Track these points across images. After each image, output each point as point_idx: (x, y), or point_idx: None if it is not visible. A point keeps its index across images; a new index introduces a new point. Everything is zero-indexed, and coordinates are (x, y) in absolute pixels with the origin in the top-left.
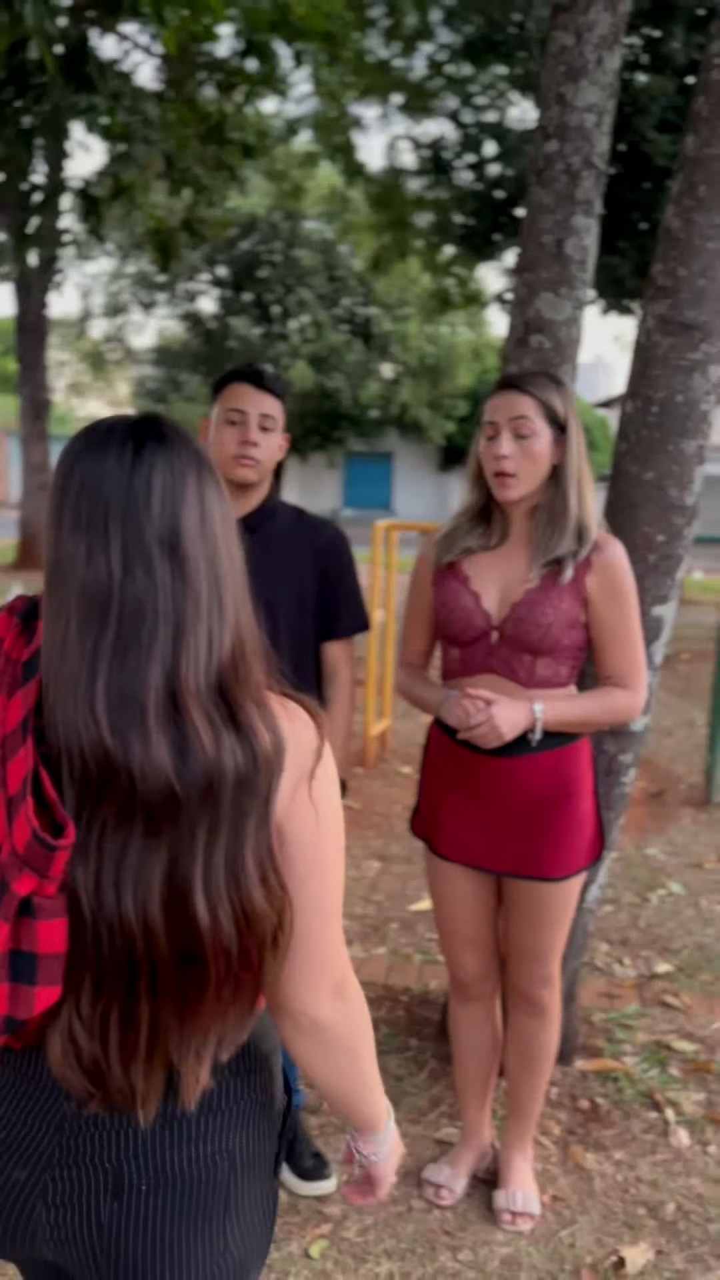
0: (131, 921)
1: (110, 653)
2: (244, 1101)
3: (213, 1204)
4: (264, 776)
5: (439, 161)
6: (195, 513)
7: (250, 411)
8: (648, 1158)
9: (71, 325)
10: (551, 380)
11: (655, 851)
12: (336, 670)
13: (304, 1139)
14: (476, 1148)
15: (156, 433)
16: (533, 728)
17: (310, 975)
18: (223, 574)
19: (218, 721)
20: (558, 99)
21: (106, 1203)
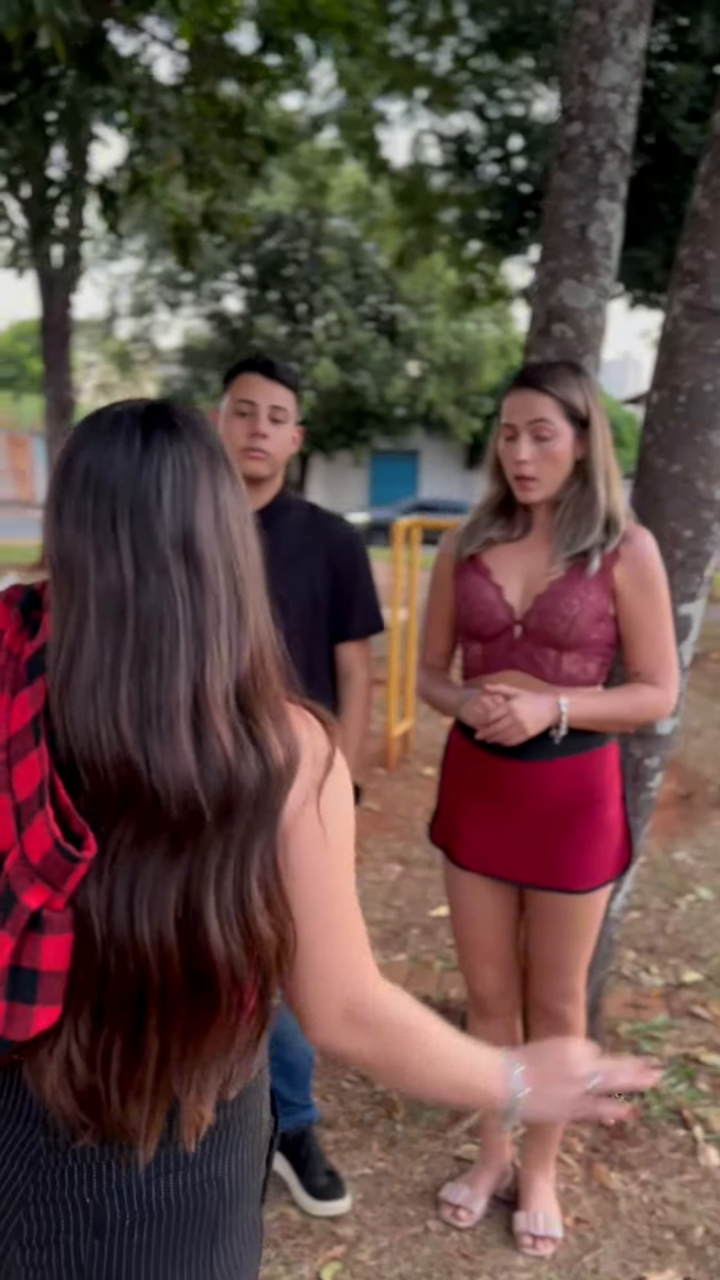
0: (146, 946)
1: (130, 662)
2: (232, 1127)
3: (200, 1235)
4: (276, 793)
5: (464, 156)
6: (209, 510)
7: (260, 402)
8: (675, 1178)
9: (98, 326)
10: (571, 372)
11: (684, 856)
12: (352, 672)
13: (317, 1156)
14: (496, 1167)
15: (167, 422)
16: (557, 723)
17: (316, 999)
18: (241, 576)
19: (241, 735)
20: (580, 79)
21: (87, 1241)
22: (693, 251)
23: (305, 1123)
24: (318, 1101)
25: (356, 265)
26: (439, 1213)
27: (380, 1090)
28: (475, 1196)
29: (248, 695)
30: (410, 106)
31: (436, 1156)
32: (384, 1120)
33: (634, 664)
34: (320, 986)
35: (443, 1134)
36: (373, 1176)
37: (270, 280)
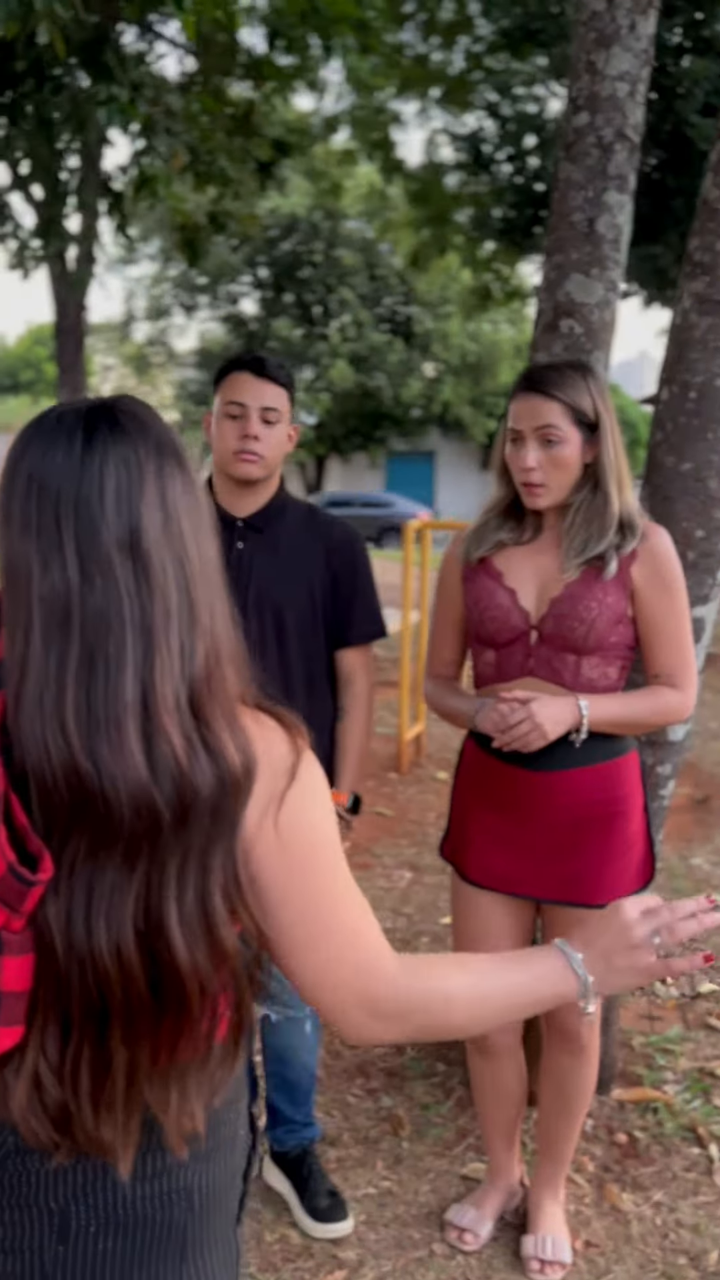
0: (105, 959)
1: (76, 666)
2: (205, 1138)
3: (169, 1248)
4: (232, 801)
5: (478, 155)
6: (156, 510)
7: (250, 404)
8: (689, 1199)
9: (114, 329)
10: (579, 373)
11: (700, 861)
12: (353, 679)
13: (319, 1175)
14: (504, 1188)
15: (110, 420)
16: (578, 726)
17: (332, 1004)
18: (191, 575)
19: (194, 739)
20: (588, 67)
21: (51, 1247)
22: (703, 243)
23: (307, 1141)
24: (321, 1117)
25: (372, 267)
26: (444, 1235)
27: (386, 1105)
28: (481, 1219)
29: (201, 698)
30: (424, 106)
31: (443, 1175)
32: (389, 1137)
33: (654, 665)
34: (332, 995)
35: (449, 1151)
36: (376, 1196)
37: (285, 282)
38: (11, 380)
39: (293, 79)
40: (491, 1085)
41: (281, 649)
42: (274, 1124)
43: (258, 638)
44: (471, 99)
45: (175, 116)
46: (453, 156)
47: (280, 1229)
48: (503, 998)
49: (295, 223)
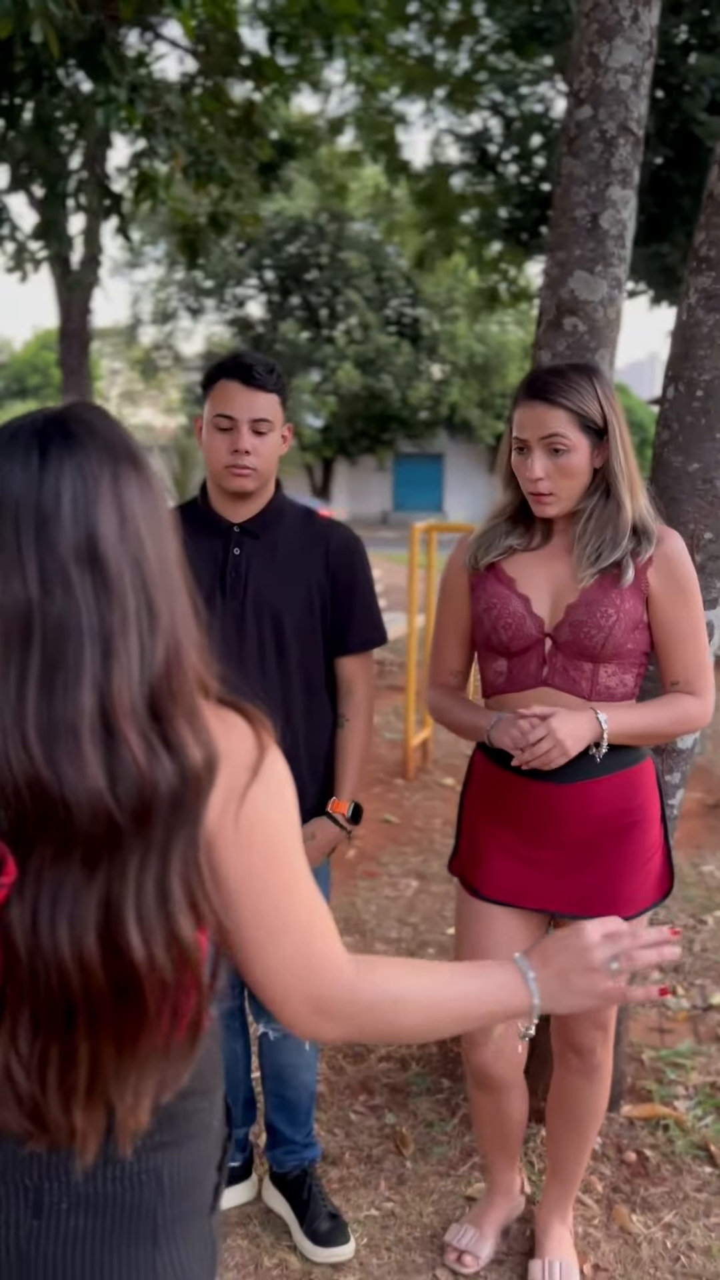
0: (67, 960)
1: (37, 678)
2: (175, 1123)
3: (139, 1229)
4: (193, 795)
5: (483, 155)
6: (113, 516)
7: (240, 417)
8: (701, 1220)
9: (121, 333)
10: (584, 376)
11: (712, 869)
12: (353, 686)
13: (320, 1197)
14: (504, 1205)
15: (64, 431)
16: (598, 740)
17: (281, 999)
18: (150, 577)
19: (153, 740)
20: (590, 60)
21: (26, 1221)
22: (709, 237)
23: (307, 1161)
24: (323, 1135)
25: (378, 269)
26: (443, 1257)
27: (389, 1123)
28: (481, 1239)
29: (161, 698)
30: (430, 107)
31: (447, 1196)
32: (393, 1156)
33: (671, 673)
34: (281, 991)
35: (454, 1171)
36: (379, 1218)
37: (292, 285)
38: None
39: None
40: (492, 1117)
41: (281, 656)
42: (273, 1144)
43: (256, 645)
44: (477, 99)
45: (174, 117)
46: (458, 157)
47: (279, 1253)
48: (456, 1006)
49: (301, 225)
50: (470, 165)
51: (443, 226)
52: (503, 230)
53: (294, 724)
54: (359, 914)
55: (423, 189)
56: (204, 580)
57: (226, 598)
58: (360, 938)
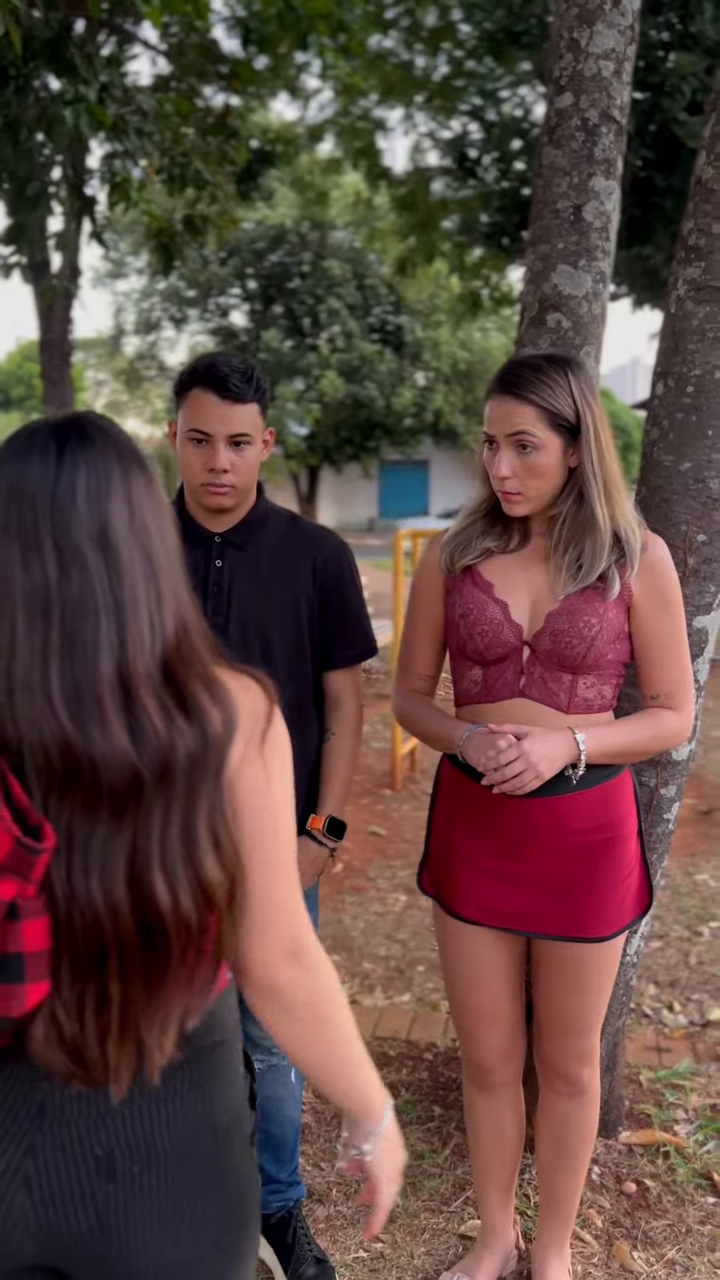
0: (99, 905)
1: (59, 649)
2: (212, 1074)
3: (202, 1180)
4: (214, 753)
5: (463, 159)
6: (123, 508)
7: (216, 433)
8: (705, 1256)
9: (104, 344)
10: (558, 369)
11: (706, 878)
12: (342, 701)
13: (305, 1240)
14: (500, 1250)
15: (79, 433)
16: (575, 761)
17: (262, 935)
18: (157, 562)
19: (169, 704)
20: (570, 45)
21: (101, 1187)
22: (698, 225)
23: (292, 1202)
24: (309, 1169)
25: (360, 277)
26: None
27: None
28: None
29: (174, 667)
30: (409, 112)
31: (439, 1235)
32: None
33: (651, 686)
34: (266, 924)
35: (446, 1207)
36: (368, 1260)
37: (274, 294)
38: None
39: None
40: (490, 1124)
41: (267, 672)
42: None
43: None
44: (456, 104)
45: (147, 117)
46: (438, 162)
47: None
48: (341, 1031)
49: (283, 234)
50: (450, 170)
51: (423, 232)
52: (483, 235)
53: None
54: (346, 931)
55: (403, 195)
56: None
57: (209, 613)
58: (347, 955)
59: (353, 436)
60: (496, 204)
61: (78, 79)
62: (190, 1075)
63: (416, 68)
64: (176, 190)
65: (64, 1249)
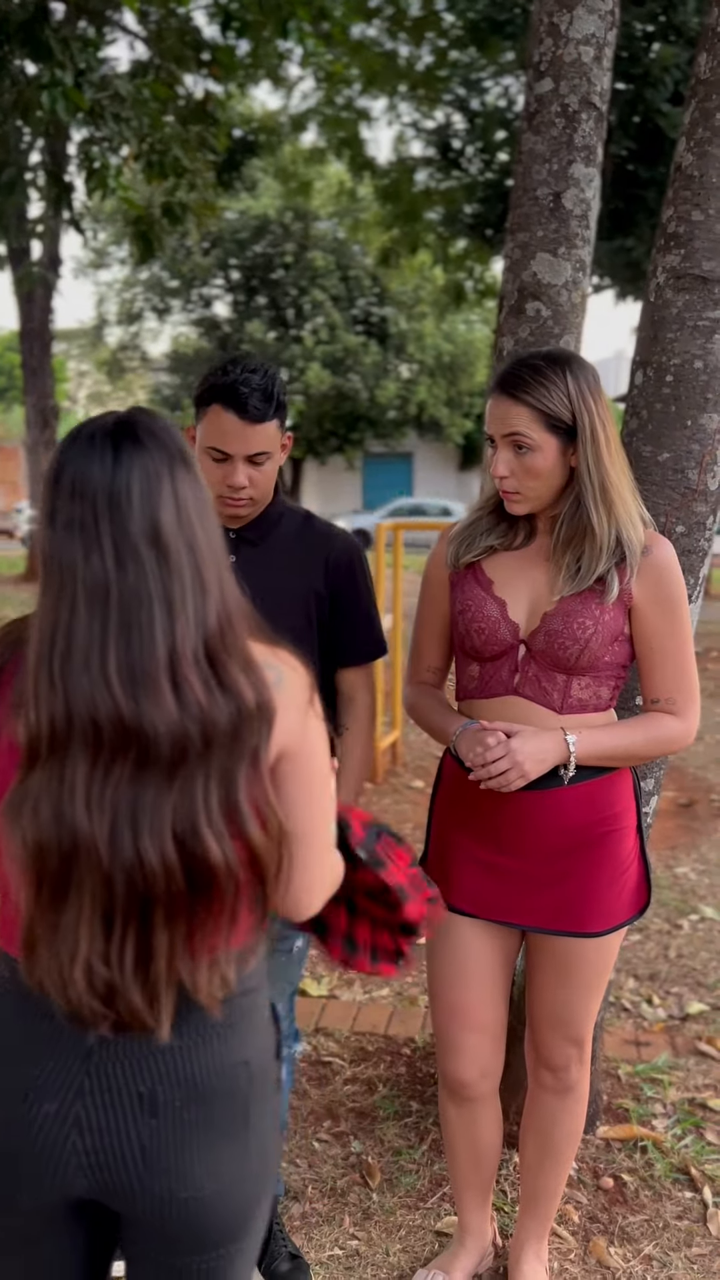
0: (151, 860)
1: (115, 634)
2: (248, 1016)
3: (236, 1113)
4: (250, 728)
5: (446, 150)
6: (171, 506)
7: (236, 453)
8: (682, 1252)
9: (87, 334)
10: (557, 368)
11: (686, 870)
12: (354, 697)
13: (280, 1236)
14: (475, 1247)
15: (132, 435)
16: (565, 762)
17: (312, 886)
18: (202, 557)
19: (211, 683)
20: (550, 30)
21: (145, 1122)
22: (677, 213)
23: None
24: (285, 1166)
25: (344, 268)
26: None
27: (355, 1151)
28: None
29: (216, 651)
30: (393, 102)
31: (415, 1231)
32: (359, 1188)
33: (652, 690)
34: (317, 876)
35: (423, 1204)
36: (343, 1258)
37: (258, 285)
38: None
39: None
40: (465, 1136)
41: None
42: None
43: None
44: (440, 94)
45: (124, 103)
46: (421, 152)
47: None
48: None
49: (266, 224)
50: (434, 161)
51: (407, 223)
52: (467, 226)
53: None
54: None
55: (387, 185)
56: None
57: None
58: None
59: (337, 428)
60: (480, 195)
61: (54, 63)
62: (227, 1017)
63: (400, 57)
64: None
65: (112, 1184)
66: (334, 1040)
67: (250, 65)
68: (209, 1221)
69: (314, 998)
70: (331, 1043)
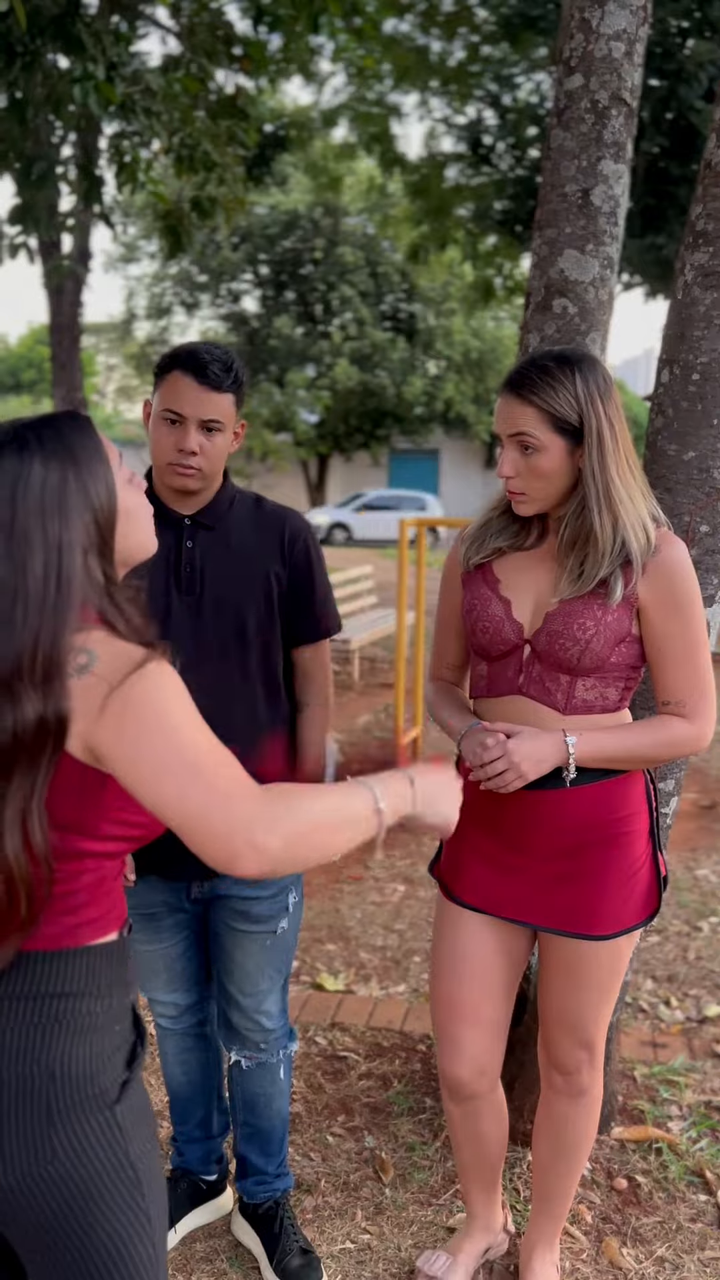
0: None
1: None
2: (67, 1024)
3: (33, 1108)
4: (31, 745)
5: (477, 145)
6: (7, 506)
7: (190, 415)
8: (695, 1254)
9: (116, 328)
10: (567, 368)
11: (706, 873)
12: (312, 674)
13: (291, 1230)
14: (482, 1235)
15: (12, 437)
16: (565, 764)
17: (218, 834)
18: (23, 567)
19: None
20: (580, 25)
21: None
22: (706, 210)
23: (279, 1193)
24: (299, 1159)
25: (373, 264)
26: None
27: (369, 1146)
28: (453, 1268)
29: (21, 664)
30: (424, 98)
31: (427, 1227)
32: (371, 1182)
33: (663, 692)
34: (210, 827)
35: (435, 1200)
36: (354, 1252)
37: (287, 280)
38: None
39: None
40: (466, 1131)
41: (243, 651)
42: (243, 1174)
43: (216, 641)
44: (471, 90)
45: (155, 97)
46: (452, 148)
47: None
48: (347, 807)
49: (296, 220)
50: (464, 156)
51: (437, 219)
52: (497, 223)
53: (258, 719)
54: (343, 920)
55: (417, 181)
56: (157, 575)
57: (182, 594)
58: (344, 944)
59: (363, 424)
60: (510, 191)
61: (86, 56)
62: (31, 1016)
63: (432, 52)
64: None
65: None
66: (350, 1035)
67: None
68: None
69: (330, 992)
70: (347, 1038)
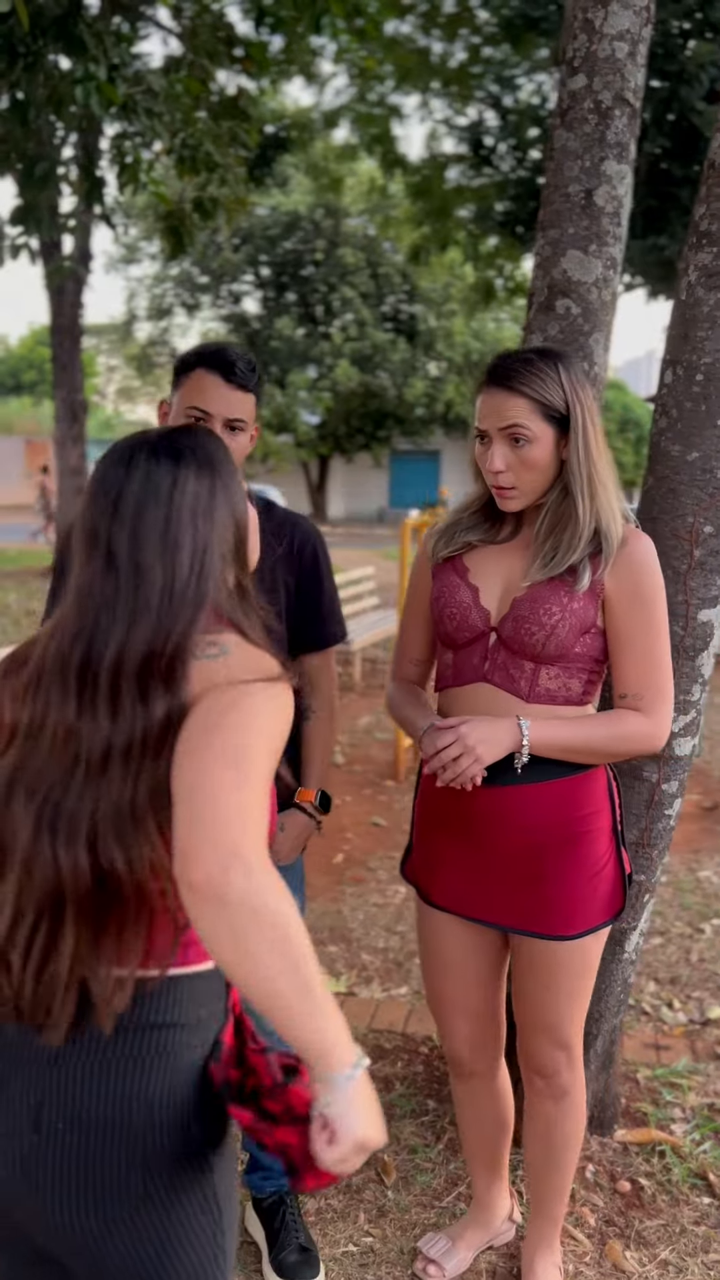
0: (63, 864)
1: (81, 637)
2: (167, 1056)
3: (129, 1151)
4: (152, 741)
5: (478, 147)
6: (161, 516)
7: (215, 413)
8: (699, 1258)
9: (117, 329)
10: (549, 361)
11: (709, 874)
12: (318, 681)
13: (293, 1226)
14: (485, 1222)
15: (151, 448)
16: (518, 748)
17: (199, 840)
18: (151, 571)
19: (137, 695)
20: (584, 26)
21: (28, 1136)
22: (709, 210)
23: (284, 1188)
24: None
25: (374, 265)
26: (413, 1266)
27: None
28: (452, 1251)
29: (154, 663)
30: (425, 99)
31: (430, 1229)
32: (374, 1185)
33: (620, 685)
34: (201, 834)
35: (438, 1202)
36: (356, 1255)
37: (288, 281)
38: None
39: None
40: (468, 1109)
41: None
42: (251, 1169)
43: None
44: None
45: (157, 97)
46: (454, 149)
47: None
48: (294, 955)
49: (297, 221)
50: (466, 158)
51: (438, 220)
52: (498, 224)
53: None
54: (345, 922)
55: (418, 182)
56: None
57: None
58: (345, 946)
59: (364, 426)
60: (512, 192)
61: (87, 57)
62: (132, 1049)
63: (433, 54)
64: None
65: (4, 1187)
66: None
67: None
68: (82, 1262)
69: (331, 994)
70: None
